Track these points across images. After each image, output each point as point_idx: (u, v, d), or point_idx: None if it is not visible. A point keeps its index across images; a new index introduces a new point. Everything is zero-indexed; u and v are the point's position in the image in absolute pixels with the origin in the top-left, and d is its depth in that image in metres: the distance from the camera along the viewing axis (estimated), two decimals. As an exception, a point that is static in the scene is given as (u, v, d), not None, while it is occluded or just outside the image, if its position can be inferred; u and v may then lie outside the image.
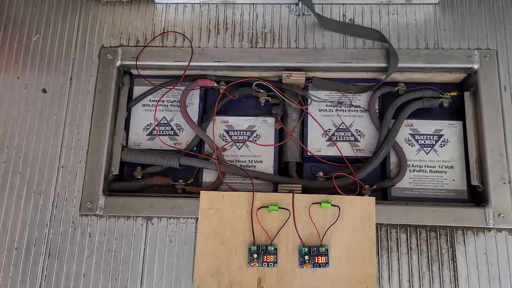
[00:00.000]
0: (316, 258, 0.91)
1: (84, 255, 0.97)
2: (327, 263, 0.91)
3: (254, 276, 0.92)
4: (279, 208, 0.94)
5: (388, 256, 0.94)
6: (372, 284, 0.90)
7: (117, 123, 1.09)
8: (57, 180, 1.03)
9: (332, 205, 0.93)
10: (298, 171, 1.08)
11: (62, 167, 1.03)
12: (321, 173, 1.05)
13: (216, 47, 1.10)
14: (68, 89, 1.09)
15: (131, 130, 1.11)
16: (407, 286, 0.92)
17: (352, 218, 0.93)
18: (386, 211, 0.96)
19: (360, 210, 0.94)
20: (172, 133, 1.10)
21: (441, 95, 1.06)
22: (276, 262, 0.91)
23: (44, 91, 1.09)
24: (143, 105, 1.13)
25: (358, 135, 1.07)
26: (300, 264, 0.91)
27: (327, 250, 0.91)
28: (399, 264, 0.93)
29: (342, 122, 1.08)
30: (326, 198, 0.94)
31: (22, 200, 1.02)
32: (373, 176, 1.04)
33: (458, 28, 1.07)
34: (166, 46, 1.11)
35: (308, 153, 1.06)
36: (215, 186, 1.05)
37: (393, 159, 1.05)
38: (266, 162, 1.07)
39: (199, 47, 1.10)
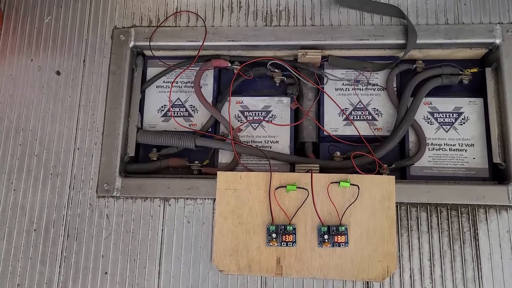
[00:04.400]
0: (336, 237, 0.90)
1: (102, 236, 0.98)
2: (347, 242, 0.90)
3: (273, 255, 0.91)
4: (297, 187, 0.93)
5: (408, 235, 0.93)
6: (393, 263, 0.89)
7: (132, 105, 1.08)
8: (73, 162, 1.02)
9: (351, 184, 0.92)
10: (315, 151, 1.06)
11: (78, 149, 1.03)
12: (338, 153, 1.03)
13: (230, 26, 1.08)
14: (82, 71, 1.08)
15: (146, 112, 1.10)
16: (428, 265, 0.91)
17: (372, 197, 0.92)
18: (406, 190, 0.95)
19: (379, 189, 0.92)
20: (187, 114, 1.09)
21: (460, 72, 1.04)
22: (295, 242, 0.91)
23: (58, 73, 1.08)
24: (157, 87, 1.12)
25: (376, 114, 1.06)
26: (319, 244, 0.91)
27: (346, 229, 0.91)
28: (419, 243, 0.92)
29: (359, 101, 1.06)
30: (344, 177, 0.93)
31: (40, 182, 1.02)
32: (391, 155, 1.02)
33: (479, 1, 1.04)
34: (179, 26, 1.09)
35: (325, 133, 1.05)
36: (231, 167, 1.04)
37: (412, 137, 1.03)
38: (282, 143, 1.06)
39: (213, 26, 1.08)
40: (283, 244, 0.90)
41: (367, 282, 0.91)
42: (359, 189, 0.92)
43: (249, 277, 0.93)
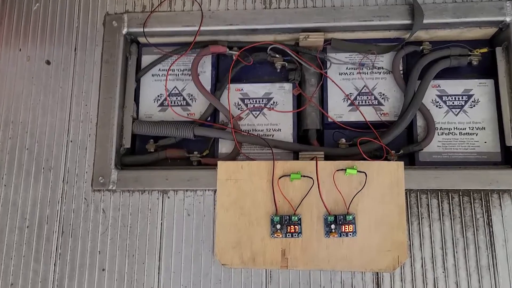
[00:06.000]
0: (343, 227, 0.86)
1: (99, 231, 0.93)
2: (355, 232, 0.86)
3: (278, 247, 0.87)
4: (301, 176, 0.89)
5: (419, 223, 0.89)
6: (403, 253, 0.85)
7: (126, 95, 1.03)
8: (67, 155, 0.98)
9: (358, 171, 0.88)
10: (319, 139, 1.02)
11: (71, 141, 0.98)
12: (343, 140, 0.99)
13: (228, 9, 1.03)
14: (73, 60, 1.03)
15: (141, 101, 1.06)
16: (440, 253, 0.87)
17: (380, 184, 0.88)
18: (415, 176, 0.91)
19: (388, 175, 0.88)
20: (185, 104, 1.05)
21: (469, 53, 0.99)
22: (300, 233, 0.87)
23: (48, 62, 1.03)
24: (153, 75, 1.07)
25: (382, 98, 1.01)
26: (326, 234, 0.86)
27: (354, 218, 0.86)
28: (430, 231, 0.88)
29: (365, 85, 1.02)
30: (351, 164, 0.89)
31: (32, 177, 0.97)
32: (399, 141, 0.98)
33: (488, -22, 1.00)
34: (175, 11, 1.04)
35: (329, 119, 1.01)
36: (232, 157, 1.00)
37: (420, 122, 0.99)
38: (285, 130, 1.01)
39: (209, 10, 1.03)
40: (288, 235, 0.86)
41: (377, 273, 0.88)
42: (366, 176, 0.87)
43: (253, 271, 0.89)
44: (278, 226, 0.86)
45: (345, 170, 0.88)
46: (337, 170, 0.89)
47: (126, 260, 0.92)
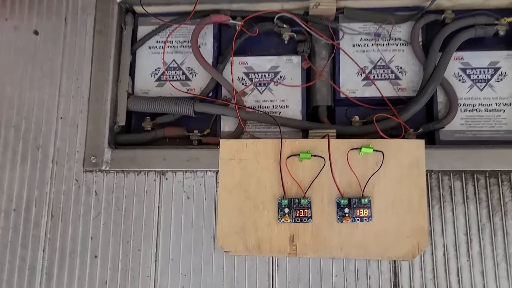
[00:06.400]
0: (357, 211, 0.79)
1: (91, 215, 0.86)
2: (370, 216, 0.79)
3: (286, 233, 0.80)
4: (312, 155, 0.81)
5: (441, 207, 0.81)
6: (424, 239, 0.78)
7: (121, 68, 0.95)
8: (57, 133, 0.90)
9: (374, 150, 0.80)
10: (330, 116, 0.94)
11: (61, 118, 0.91)
12: (357, 117, 0.91)
13: (231, -25, 0.95)
14: (63, 30, 0.95)
15: (137, 75, 0.98)
16: (464, 240, 0.79)
17: (398, 164, 0.80)
18: (437, 156, 0.83)
19: (407, 155, 0.80)
20: (184, 78, 0.97)
21: (496, 22, 0.91)
22: (310, 217, 0.79)
23: (36, 32, 0.95)
24: (150, 47, 0.99)
25: (400, 72, 0.93)
26: (338, 219, 0.79)
27: (369, 201, 0.79)
28: (453, 215, 0.80)
29: (380, 58, 0.93)
30: (367, 143, 0.81)
31: (19, 156, 0.90)
32: (417, 119, 0.90)
33: None
34: (173, -23, 0.96)
35: (342, 95, 0.92)
36: (236, 136, 0.92)
37: (441, 98, 0.90)
38: (293, 107, 0.93)
39: (211, -24, 0.95)
40: (297, 220, 0.79)
41: (394, 261, 0.80)
42: (383, 155, 0.80)
43: (258, 259, 0.82)
44: (286, 210, 0.79)
45: (360, 149, 0.80)
46: (351, 149, 0.81)
47: (121, 246, 0.84)
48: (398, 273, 0.79)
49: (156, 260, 0.83)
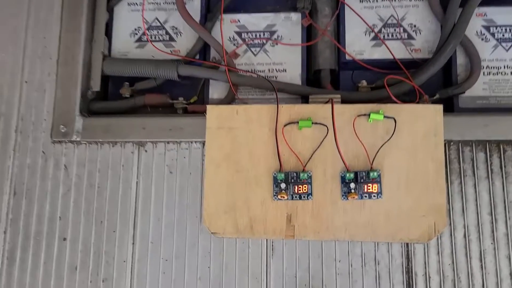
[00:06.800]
0: (365, 186, 0.68)
1: (60, 192, 0.76)
2: (380, 192, 0.68)
3: (282, 212, 0.70)
4: (312, 123, 0.70)
5: (461, 182, 0.70)
6: (441, 219, 0.67)
7: (96, 26, 0.84)
8: (21, 99, 0.79)
9: (385, 116, 0.69)
10: (334, 82, 0.83)
11: (26, 82, 0.80)
12: (364, 82, 0.80)
13: None
14: (29, -17, 0.83)
15: (115, 36, 0.86)
16: (488, 220, 0.69)
17: (412, 133, 0.70)
18: (456, 124, 0.72)
19: (422, 122, 0.70)
20: (168, 38, 0.85)
21: (525, -28, 0.79)
22: (310, 194, 0.69)
23: (-3, -15, 0.83)
24: (129, 4, 0.87)
25: (413, 31, 0.81)
26: (343, 195, 0.69)
27: (379, 175, 0.68)
28: (476, 192, 0.70)
29: (392, 15, 0.82)
30: (376, 108, 0.70)
31: (-23, 125, 0.79)
32: (434, 83, 0.80)
33: None
34: None
35: (347, 57, 0.81)
36: (226, 103, 0.81)
37: (460, 59, 0.79)
38: (292, 71, 0.82)
39: None
40: (295, 197, 0.69)
41: (407, 244, 0.70)
42: (395, 122, 0.69)
43: (251, 241, 0.72)
44: (283, 186, 0.69)
45: (369, 115, 0.70)
46: (359, 116, 0.70)
47: (93, 227, 0.74)
48: (411, 257, 0.69)
49: (133, 243, 0.73)
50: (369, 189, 0.68)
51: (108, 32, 0.86)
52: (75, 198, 0.75)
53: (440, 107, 0.70)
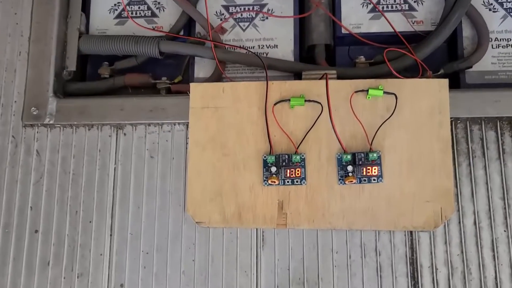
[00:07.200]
0: (364, 169, 0.62)
1: (31, 180, 0.69)
2: (380, 176, 0.62)
3: (273, 198, 0.63)
4: (305, 101, 0.64)
5: (470, 164, 0.64)
6: (449, 204, 0.61)
7: (71, 2, 0.77)
8: (-11, 80, 0.73)
9: (384, 92, 0.63)
10: (329, 58, 0.76)
11: (-5, 61, 0.73)
12: (362, 58, 0.73)
13: None
14: (-2, -47, 0.77)
15: (93, 12, 0.80)
16: (500, 205, 0.62)
17: (415, 110, 0.63)
18: (464, 100, 0.66)
19: (426, 98, 0.64)
20: (150, 14, 0.79)
21: None
22: (304, 178, 0.63)
23: (-37, -44, 0.77)
24: (108, -22, 0.81)
25: (414, 1, 0.75)
26: (340, 179, 0.62)
27: (379, 157, 0.62)
28: (486, 174, 0.63)
29: (391, -16, 0.76)
30: (375, 84, 0.64)
31: None
32: (438, 57, 0.73)
33: None
34: None
35: (343, 31, 0.75)
36: (212, 82, 0.74)
37: (466, 32, 0.72)
38: (283, 47, 0.75)
39: None
40: (288, 182, 0.63)
41: (411, 232, 0.63)
42: (396, 99, 0.63)
43: (239, 231, 0.65)
44: (274, 170, 0.63)
45: (367, 91, 0.63)
46: (356, 92, 0.64)
47: (67, 218, 0.67)
48: (415, 247, 0.63)
49: (111, 235, 0.67)
50: (369, 172, 0.62)
51: (86, 8, 0.79)
52: (48, 187, 0.68)
53: (445, 81, 0.64)
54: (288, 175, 0.63)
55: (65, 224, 0.67)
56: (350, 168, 0.62)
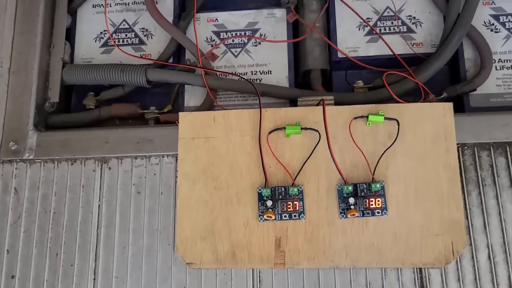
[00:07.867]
0: (367, 201, 0.57)
1: (8, 220, 0.64)
2: (385, 208, 0.57)
3: (270, 235, 0.58)
4: (302, 129, 0.60)
5: (480, 193, 0.59)
6: (460, 238, 0.56)
7: (55, 30, 0.75)
8: (-35, 112, 0.69)
9: (386, 118, 0.59)
10: (326, 84, 0.73)
11: (-28, 93, 0.70)
12: (360, 83, 0.70)
13: None
14: (-22, -18, 0.74)
15: (78, 41, 0.77)
16: (516, 237, 0.58)
17: (419, 136, 0.59)
18: (470, 125, 0.62)
19: (430, 123, 0.60)
20: (137, 42, 0.76)
21: (534, -46, 0.71)
22: (303, 212, 0.58)
23: None
24: (94, 6, 0.79)
25: (413, 23, 0.72)
26: (341, 213, 0.58)
27: (383, 187, 0.58)
28: (498, 204, 0.59)
29: (388, 7, 0.73)
30: (375, 109, 0.60)
31: None
32: (439, 81, 0.69)
33: None
34: None
35: (340, 55, 0.71)
36: (204, 110, 0.70)
37: (468, 53, 0.70)
38: (278, 73, 0.72)
39: None
40: (285, 216, 0.58)
41: (420, 269, 0.58)
42: (398, 124, 0.59)
43: (234, 272, 0.60)
44: (269, 203, 0.58)
45: (367, 117, 0.59)
46: (355, 118, 0.60)
47: (47, 261, 0.62)
48: (426, 286, 0.57)
49: (94, 279, 0.61)
50: (372, 204, 0.57)
51: (71, 37, 0.77)
52: (26, 228, 0.63)
53: (450, 105, 0.60)
54: (285, 209, 0.58)
55: (44, 268, 0.62)
56: (351, 200, 0.58)
